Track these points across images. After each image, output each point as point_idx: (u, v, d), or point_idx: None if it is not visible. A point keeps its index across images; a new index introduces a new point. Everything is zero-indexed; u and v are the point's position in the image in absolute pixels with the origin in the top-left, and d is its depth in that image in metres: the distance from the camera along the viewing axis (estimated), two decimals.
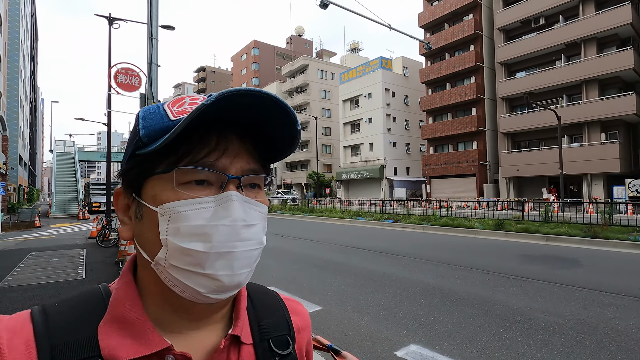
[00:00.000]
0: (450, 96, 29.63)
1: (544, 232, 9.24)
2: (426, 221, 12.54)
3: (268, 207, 0.47)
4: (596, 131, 22.63)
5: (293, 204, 26.02)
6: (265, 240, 0.46)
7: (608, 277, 5.73)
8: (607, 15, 21.76)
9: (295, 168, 49.63)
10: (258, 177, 0.47)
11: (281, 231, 13.09)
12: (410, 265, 6.85)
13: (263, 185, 0.49)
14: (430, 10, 31.45)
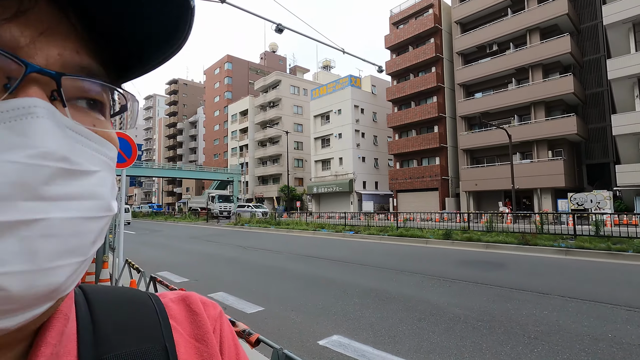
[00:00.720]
0: (414, 114, 31.16)
1: (485, 241, 10.08)
2: (384, 232, 13.19)
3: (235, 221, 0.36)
4: (544, 149, 24.53)
5: (262, 217, 26.15)
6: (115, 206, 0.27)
7: (524, 277, 6.47)
8: (550, 45, 23.98)
9: (267, 182, 49.72)
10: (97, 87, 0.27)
11: (244, 243, 13.31)
12: (357, 271, 7.35)
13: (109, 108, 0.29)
14: (396, 33, 33.24)
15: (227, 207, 34.69)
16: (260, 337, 1.90)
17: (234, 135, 54.62)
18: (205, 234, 17.74)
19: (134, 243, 14.34)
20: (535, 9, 24.74)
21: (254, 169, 50.81)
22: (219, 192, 39.28)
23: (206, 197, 37.09)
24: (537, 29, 24.96)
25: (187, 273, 7.57)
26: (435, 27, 30.15)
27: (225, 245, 12.70)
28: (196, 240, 14.69)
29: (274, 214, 24.60)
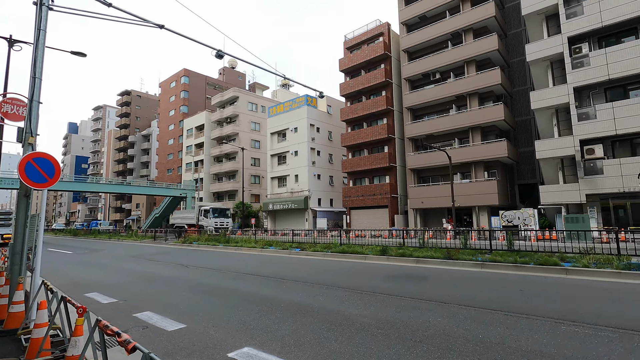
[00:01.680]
0: (366, 134, 32.60)
1: (416, 256, 10.86)
2: (327, 249, 13.65)
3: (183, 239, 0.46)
4: (481, 170, 26.72)
5: (211, 234, 25.68)
6: None
7: (436, 289, 7.16)
8: (484, 76, 26.54)
9: (223, 198, 48.83)
10: None
11: (188, 261, 13.14)
12: (290, 287, 7.68)
13: None
14: (349, 58, 34.93)
15: (224, 223, 30.02)
16: (137, 345, 2.18)
17: (189, 150, 53.34)
18: (149, 253, 17.16)
19: (68, 264, 13.61)
20: (471, 44, 27.37)
21: (209, 185, 49.75)
22: (214, 205, 34.04)
23: (196, 211, 31.91)
24: (474, 61, 27.56)
25: (118, 293, 7.45)
26: (385, 54, 32.15)
27: (167, 264, 12.46)
28: (137, 260, 14.22)
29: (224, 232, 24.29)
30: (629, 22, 20.44)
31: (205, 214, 30.35)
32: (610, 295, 6.33)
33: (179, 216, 34.90)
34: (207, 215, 30.14)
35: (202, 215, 30.43)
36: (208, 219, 29.84)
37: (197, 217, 30.94)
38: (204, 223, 29.81)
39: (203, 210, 30.73)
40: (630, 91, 20.72)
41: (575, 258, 8.73)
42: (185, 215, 33.86)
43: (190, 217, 32.29)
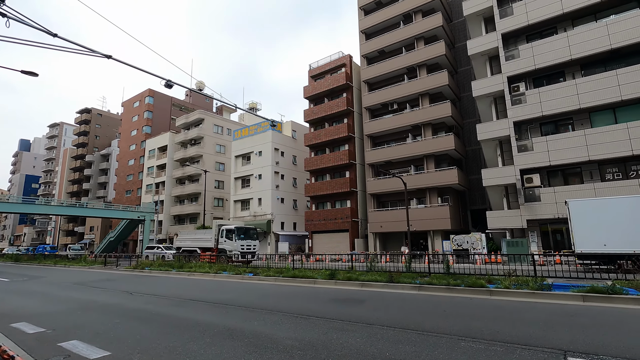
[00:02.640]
0: (328, 160, 33.49)
1: (362, 280, 11.28)
2: (280, 273, 13.78)
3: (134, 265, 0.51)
4: (435, 195, 28.14)
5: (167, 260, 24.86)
6: None
7: (369, 311, 7.55)
8: (436, 108, 28.50)
9: (184, 221, 47.47)
10: None
11: (134, 288, 12.74)
12: (230, 312, 7.76)
13: None
14: (313, 85, 36.25)
15: (251, 246, 24.23)
16: None
17: (151, 171, 51.86)
18: (94, 280, 16.39)
19: (1, 292, 12.74)
20: (425, 78, 29.46)
21: (170, 207, 48.30)
22: (236, 224, 27.09)
23: (214, 231, 25.39)
24: (427, 94, 29.57)
25: (47, 323, 7.20)
26: (347, 84, 33.73)
27: (111, 292, 12.04)
28: (80, 287, 13.57)
29: (178, 257, 23.60)
30: (558, 67, 23.03)
31: (229, 235, 24.13)
32: (515, 314, 7.00)
33: (188, 237, 28.55)
34: (230, 237, 23.99)
35: (224, 237, 24.20)
36: (233, 242, 23.71)
37: (216, 238, 24.97)
38: (227, 246, 23.88)
39: (225, 231, 24.40)
40: (561, 127, 23.08)
41: (500, 280, 9.52)
42: (199, 236, 27.37)
43: (205, 239, 26.16)
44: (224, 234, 24.35)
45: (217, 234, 24.86)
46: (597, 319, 6.44)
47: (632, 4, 21.80)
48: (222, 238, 24.33)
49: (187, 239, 28.26)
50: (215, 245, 24.75)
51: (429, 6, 30.66)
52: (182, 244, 28.12)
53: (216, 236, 24.85)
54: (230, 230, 24.27)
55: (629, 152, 19.91)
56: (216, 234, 25.00)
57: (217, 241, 24.70)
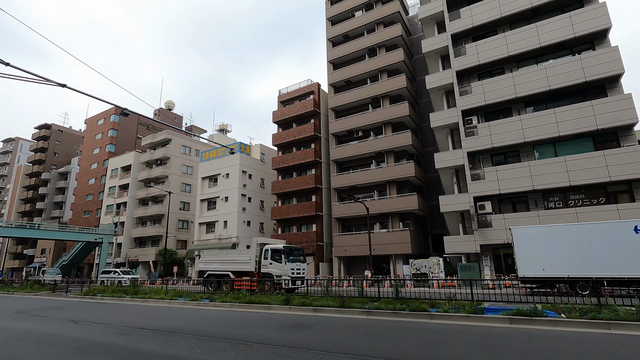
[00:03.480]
0: (295, 183, 33.92)
1: (315, 305, 11.52)
2: (236, 299, 13.73)
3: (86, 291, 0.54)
4: (396, 220, 29.09)
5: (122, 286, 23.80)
6: None
7: (312, 337, 7.82)
8: (398, 137, 29.96)
9: (145, 244, 45.66)
10: None
11: (81, 316, 12.23)
12: (173, 341, 7.75)
13: None
14: (282, 111, 37.07)
15: (300, 270, 20.01)
16: None
17: (112, 191, 49.95)
18: (39, 308, 15.49)
19: None
20: (388, 108, 31.06)
21: (131, 229, 46.43)
22: (279, 243, 22.47)
23: (253, 251, 20.66)
24: (390, 123, 31.08)
25: None
26: (315, 111, 34.81)
27: (55, 321, 11.50)
28: (21, 316, 12.83)
29: (133, 282, 22.67)
30: (505, 103, 25.13)
31: (276, 257, 19.63)
32: (446, 337, 7.52)
33: (217, 259, 22.42)
34: (278, 259, 19.48)
35: (270, 258, 19.73)
36: (282, 264, 19.20)
37: (256, 260, 20.21)
38: (274, 270, 19.26)
39: (271, 251, 19.94)
40: (509, 158, 24.93)
41: (441, 304, 10.10)
42: (232, 258, 21.91)
43: (241, 261, 21.01)
44: (268, 255, 19.78)
45: (259, 255, 20.25)
46: (515, 340, 7.07)
47: (566, 51, 24.49)
48: (267, 260, 19.75)
49: (216, 260, 22.28)
50: (256, 268, 20.03)
51: (391, 42, 32.75)
52: (208, 267, 22.11)
53: (257, 257, 20.19)
54: (278, 250, 19.81)
55: (567, 183, 21.80)
56: (257, 255, 20.29)
57: (258, 263, 20.06)
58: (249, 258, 20.66)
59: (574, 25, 23.30)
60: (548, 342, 6.77)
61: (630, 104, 20.99)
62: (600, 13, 22.73)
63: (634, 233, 14.31)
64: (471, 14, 27.08)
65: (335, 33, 36.16)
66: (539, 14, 25.45)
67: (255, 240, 21.22)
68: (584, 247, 15.14)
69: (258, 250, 20.46)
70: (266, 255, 19.95)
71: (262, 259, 20.03)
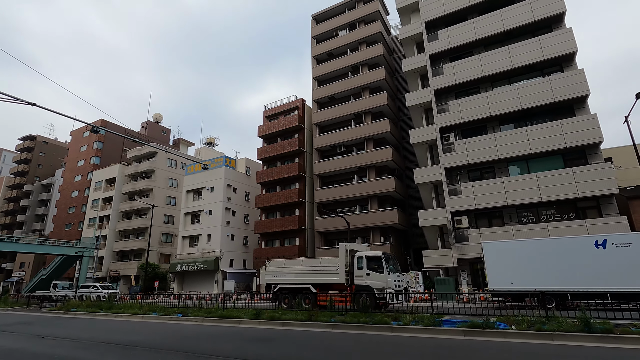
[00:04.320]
0: (279, 197, 34.17)
1: (284, 319, 11.71)
2: (209, 313, 13.80)
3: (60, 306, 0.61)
4: (377, 234, 29.46)
5: (100, 300, 23.46)
6: None
7: (269, 350, 8.03)
8: (379, 152, 30.65)
9: (127, 257, 45.01)
10: None
11: (50, 332, 12.16)
12: (134, 355, 7.88)
13: None
14: (267, 125, 37.60)
15: (401, 281, 16.90)
16: None
17: (95, 204, 49.37)
18: (9, 323, 15.26)
19: None
20: (369, 125, 31.83)
21: (114, 242, 45.79)
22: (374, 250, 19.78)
23: (342, 259, 17.08)
24: (372, 139, 31.79)
25: None
26: (299, 126, 35.41)
27: (21, 336, 11.44)
28: None
29: (109, 296, 22.36)
30: (481, 121, 26.04)
31: (374, 266, 16.20)
32: (398, 348, 7.82)
33: (292, 270, 18.63)
34: (375, 268, 16.12)
35: (366, 267, 16.33)
36: (383, 275, 15.80)
37: (346, 270, 16.83)
38: (374, 282, 15.87)
39: (366, 259, 16.62)
40: (485, 174, 25.70)
41: (403, 317, 10.40)
42: (313, 267, 18.17)
43: (326, 271, 17.51)
44: (364, 264, 16.44)
45: (351, 264, 16.90)
46: (458, 350, 7.41)
47: (537, 72, 25.67)
48: (363, 269, 16.37)
49: (288, 271, 18.64)
50: (347, 280, 16.68)
51: (374, 60, 33.79)
52: (279, 280, 18.56)
53: (347, 267, 16.84)
54: (377, 257, 16.45)
55: (538, 198, 22.56)
56: (347, 264, 16.86)
57: (350, 274, 16.73)
58: (336, 268, 17.14)
59: (543, 49, 24.52)
60: (487, 353, 7.12)
61: (595, 124, 22.04)
62: (567, 38, 24.02)
63: (595, 247, 14.94)
64: (448, 35, 28.25)
65: (320, 51, 37.15)
66: (512, 37, 26.70)
67: (343, 247, 17.41)
68: (548, 262, 15.70)
69: (349, 259, 17.01)
70: (360, 263, 16.55)
71: (354, 269, 16.64)
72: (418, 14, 30.46)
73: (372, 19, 35.05)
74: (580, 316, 7.89)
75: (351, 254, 17.23)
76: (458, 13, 28.53)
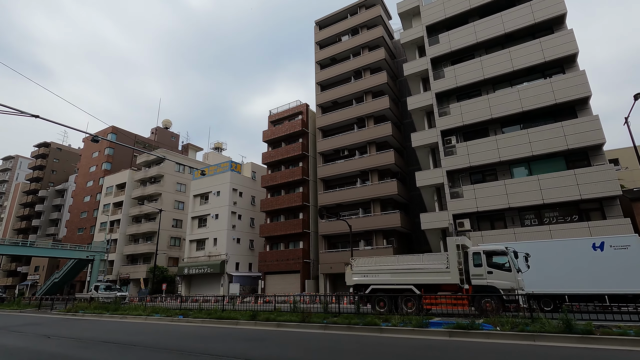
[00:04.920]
0: (283, 201, 34.57)
1: (279, 320, 12.01)
2: (208, 315, 14.19)
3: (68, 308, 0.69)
4: (380, 237, 29.57)
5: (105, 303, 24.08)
6: None
7: (258, 349, 8.33)
8: (381, 155, 30.82)
9: (137, 261, 45.94)
10: None
11: (56, 332, 12.70)
12: (129, 353, 8.28)
13: None
14: (272, 130, 38.12)
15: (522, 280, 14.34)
16: None
17: (106, 208, 50.57)
18: (19, 324, 15.90)
19: None
20: (372, 128, 32.04)
21: (124, 246, 46.80)
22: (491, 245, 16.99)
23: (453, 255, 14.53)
24: (374, 143, 31.99)
25: None
26: (303, 130, 35.83)
27: (29, 336, 11.98)
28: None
29: (119, 299, 22.98)
30: (482, 124, 26.04)
31: (496, 262, 13.99)
32: (384, 349, 8.03)
33: (384, 268, 16.12)
34: (500, 265, 13.87)
35: (486, 265, 13.87)
36: (510, 273, 13.60)
37: (460, 268, 14.25)
38: (500, 282, 13.47)
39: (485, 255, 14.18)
40: (487, 176, 25.64)
41: (392, 319, 10.60)
42: (416, 265, 15.45)
43: (432, 269, 14.93)
44: (482, 260, 13.96)
45: (465, 261, 14.39)
46: (439, 351, 7.59)
47: (538, 74, 25.58)
48: (482, 267, 13.89)
49: (382, 270, 16.06)
50: (462, 278, 14.10)
51: (376, 65, 34.06)
52: (371, 280, 16.10)
53: (460, 265, 14.27)
54: (501, 253, 14.05)
55: (540, 201, 22.44)
56: (459, 261, 14.34)
57: (465, 272, 14.24)
58: (446, 265, 14.60)
59: (544, 51, 24.45)
60: (468, 354, 7.30)
61: (597, 125, 21.86)
62: (568, 39, 23.92)
63: (592, 250, 14.88)
64: (449, 39, 28.36)
65: (323, 56, 37.59)
66: (513, 39, 26.67)
67: (452, 241, 14.90)
68: (546, 264, 15.66)
69: (461, 255, 14.48)
70: (477, 260, 14.04)
71: (471, 266, 14.16)
72: (419, 18, 30.65)
73: (374, 24, 35.37)
74: (562, 317, 7.99)
75: (463, 249, 14.80)
76: (459, 16, 28.63)
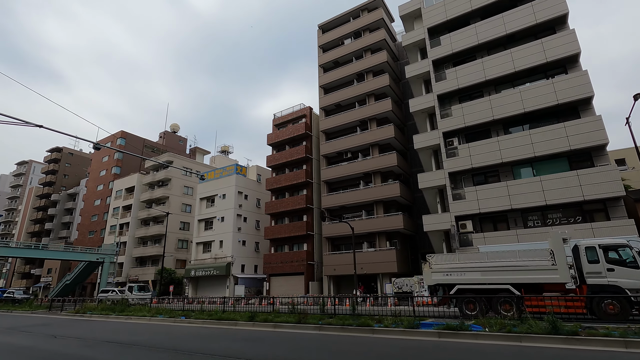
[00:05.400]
0: (287, 203, 34.90)
1: (276, 321, 12.27)
2: (209, 316, 14.53)
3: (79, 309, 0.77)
4: (383, 239, 29.66)
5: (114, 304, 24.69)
6: None
7: (250, 348, 8.61)
8: (384, 158, 30.93)
9: (145, 263, 46.74)
10: None
11: (63, 332, 13.18)
12: (128, 353, 8.63)
13: None
14: (276, 133, 38.53)
15: None
16: None
17: (116, 212, 51.57)
18: (29, 324, 16.49)
19: None
20: (375, 131, 32.19)
21: (133, 249, 47.67)
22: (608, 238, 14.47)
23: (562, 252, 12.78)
24: (377, 145, 32.13)
25: None
26: (307, 133, 36.15)
27: (37, 336, 12.47)
28: (8, 331, 13.84)
29: (123, 300, 23.58)
30: (484, 125, 25.99)
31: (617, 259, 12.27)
32: (373, 348, 8.23)
33: (471, 265, 14.26)
34: (622, 261, 12.15)
35: (604, 262, 12.19)
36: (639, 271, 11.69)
37: (570, 265, 12.73)
38: (626, 281, 11.73)
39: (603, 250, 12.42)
40: (489, 178, 25.58)
41: (385, 320, 10.77)
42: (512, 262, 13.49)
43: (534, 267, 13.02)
44: (599, 256, 12.28)
45: (576, 258, 12.90)
46: (426, 351, 7.76)
47: (540, 74, 25.46)
48: (599, 264, 12.17)
49: (468, 267, 14.20)
50: (573, 277, 12.47)
51: (378, 67, 34.22)
52: (455, 279, 14.29)
53: (570, 263, 12.72)
54: (622, 246, 12.36)
55: (543, 202, 22.32)
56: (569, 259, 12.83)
57: (577, 271, 12.62)
58: (551, 262, 12.70)
59: (545, 51, 24.35)
60: (455, 354, 7.46)
61: (600, 126, 21.68)
62: (570, 39, 23.78)
63: None
64: (450, 41, 28.40)
65: (326, 59, 37.90)
66: (514, 40, 26.60)
67: (557, 235, 13.24)
68: None
69: (568, 252, 12.92)
70: (592, 256, 12.33)
71: (584, 263, 12.44)
72: (421, 20, 30.75)
73: (376, 26, 35.55)
74: (548, 319, 8.09)
75: (570, 244, 13.32)
76: (460, 18, 28.66)
